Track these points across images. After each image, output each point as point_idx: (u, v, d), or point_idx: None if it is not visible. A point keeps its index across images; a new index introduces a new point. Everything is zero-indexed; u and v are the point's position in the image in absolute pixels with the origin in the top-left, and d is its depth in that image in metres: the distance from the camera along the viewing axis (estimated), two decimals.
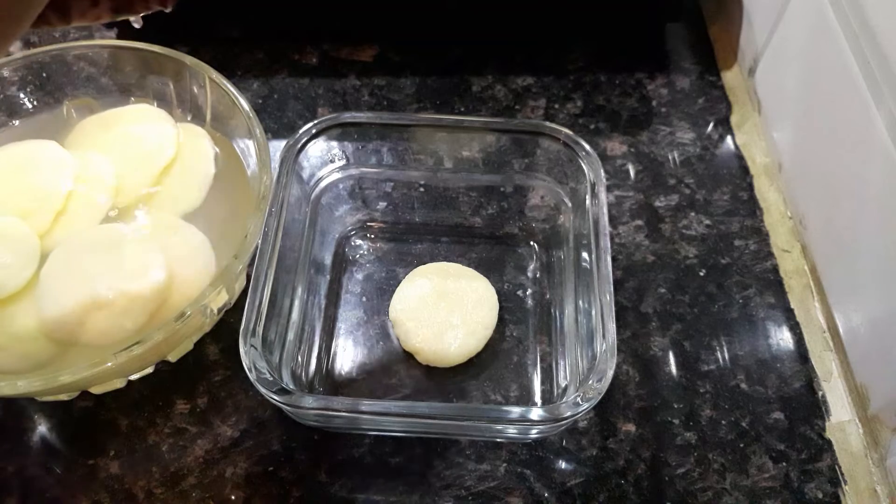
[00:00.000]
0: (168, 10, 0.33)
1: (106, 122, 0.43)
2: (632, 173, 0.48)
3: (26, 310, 0.37)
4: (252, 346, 0.33)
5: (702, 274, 0.44)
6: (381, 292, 0.42)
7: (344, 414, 0.33)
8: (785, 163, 0.47)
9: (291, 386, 0.34)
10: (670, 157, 0.49)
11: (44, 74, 0.43)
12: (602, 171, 0.39)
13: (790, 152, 0.46)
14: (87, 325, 0.35)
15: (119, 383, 0.38)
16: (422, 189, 0.44)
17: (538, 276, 0.43)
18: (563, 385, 0.38)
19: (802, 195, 0.45)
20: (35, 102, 0.44)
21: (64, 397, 0.37)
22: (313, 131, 0.40)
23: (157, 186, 0.41)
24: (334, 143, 0.41)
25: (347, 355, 0.40)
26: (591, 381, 0.32)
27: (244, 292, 0.35)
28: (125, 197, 0.41)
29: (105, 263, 0.37)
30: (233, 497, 0.36)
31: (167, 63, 0.43)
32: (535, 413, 0.32)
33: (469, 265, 0.43)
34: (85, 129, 0.43)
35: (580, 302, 0.37)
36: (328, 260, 0.43)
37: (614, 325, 0.33)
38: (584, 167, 0.39)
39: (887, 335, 0.36)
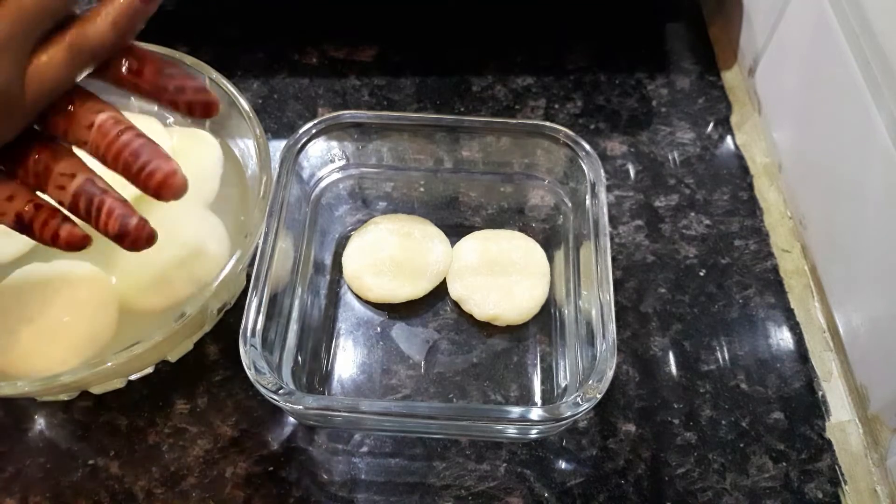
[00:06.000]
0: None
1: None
2: (632, 173, 0.48)
3: None
4: (252, 346, 0.33)
5: (702, 274, 0.44)
6: None
7: (344, 414, 0.33)
8: (785, 163, 0.47)
9: (291, 386, 0.34)
10: (670, 157, 0.49)
11: None
12: (602, 171, 0.39)
13: (790, 152, 0.46)
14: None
15: (119, 383, 0.38)
16: (422, 189, 0.44)
17: None
18: (563, 385, 0.38)
19: (802, 195, 0.45)
20: None
21: (64, 397, 0.38)
22: (313, 131, 0.40)
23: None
24: (334, 143, 0.41)
25: (347, 355, 0.40)
26: (591, 381, 0.32)
27: (244, 292, 0.35)
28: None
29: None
30: (233, 497, 0.36)
31: None
32: (535, 413, 0.32)
33: None
34: None
35: (580, 302, 0.37)
36: (328, 260, 0.43)
37: (614, 325, 0.33)
38: (584, 167, 0.39)
39: (887, 335, 0.36)
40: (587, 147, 0.40)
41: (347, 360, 0.40)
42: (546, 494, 0.36)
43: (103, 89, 0.26)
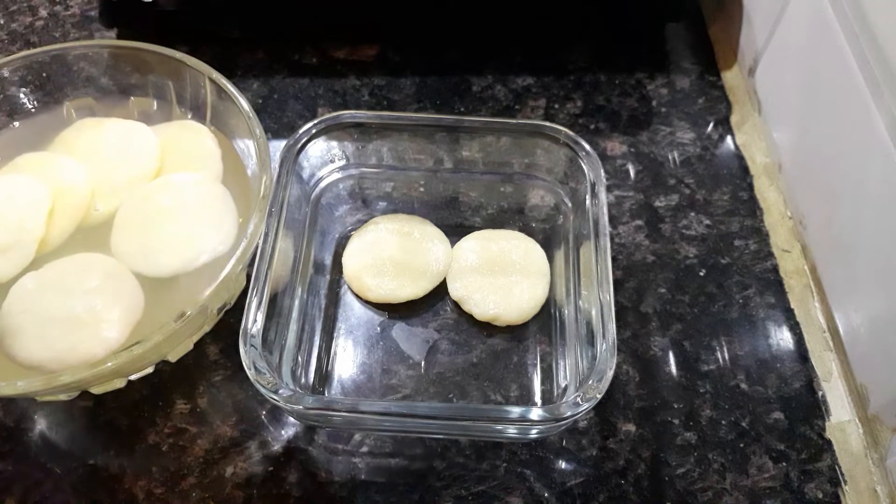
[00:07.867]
0: None
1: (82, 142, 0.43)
2: (632, 173, 0.48)
3: None
4: (252, 345, 0.33)
5: (702, 274, 0.44)
6: None
7: (344, 414, 0.33)
8: (785, 163, 0.47)
9: (291, 386, 0.34)
10: (670, 157, 0.49)
11: (44, 74, 0.43)
12: (602, 171, 0.39)
13: (790, 152, 0.46)
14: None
15: (119, 383, 0.38)
16: (422, 189, 0.44)
17: None
18: (563, 385, 0.38)
19: (802, 195, 0.45)
20: (35, 103, 0.44)
21: (64, 397, 0.37)
22: (313, 131, 0.40)
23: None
24: (334, 143, 0.41)
25: (347, 355, 0.40)
26: (591, 381, 0.32)
27: (244, 292, 0.35)
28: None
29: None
30: (233, 497, 0.36)
31: (167, 63, 0.42)
32: (535, 413, 0.32)
33: None
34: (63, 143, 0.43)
35: (580, 302, 0.37)
36: (328, 260, 0.43)
37: (614, 325, 0.33)
38: (584, 167, 0.39)
39: (887, 335, 0.36)
40: (587, 147, 0.40)
41: (347, 360, 0.40)
42: (546, 494, 0.36)
43: (101, 89, 0.26)
